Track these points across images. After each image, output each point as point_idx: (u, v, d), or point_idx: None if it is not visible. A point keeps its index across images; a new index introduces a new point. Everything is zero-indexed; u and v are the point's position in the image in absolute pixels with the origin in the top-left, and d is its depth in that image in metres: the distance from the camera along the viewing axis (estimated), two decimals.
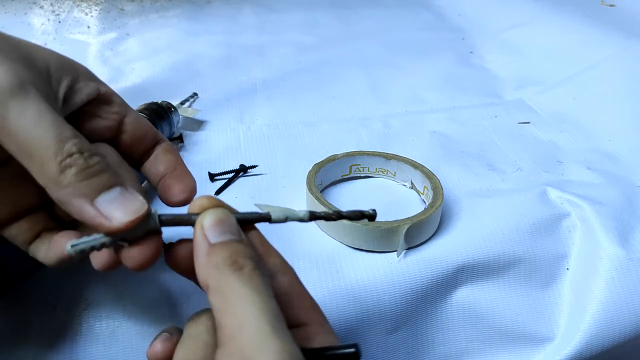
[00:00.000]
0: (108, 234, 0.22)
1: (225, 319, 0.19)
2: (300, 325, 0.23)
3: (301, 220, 0.25)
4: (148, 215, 0.22)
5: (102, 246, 0.22)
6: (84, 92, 0.27)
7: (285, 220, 0.24)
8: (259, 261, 0.22)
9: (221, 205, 0.23)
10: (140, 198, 0.23)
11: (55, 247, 0.25)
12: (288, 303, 0.23)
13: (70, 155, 0.22)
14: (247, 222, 0.24)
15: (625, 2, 0.77)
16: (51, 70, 0.25)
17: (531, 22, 0.74)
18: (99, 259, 0.24)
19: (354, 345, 0.21)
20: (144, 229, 0.23)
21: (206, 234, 0.22)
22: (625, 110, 0.53)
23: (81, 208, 0.22)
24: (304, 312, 0.23)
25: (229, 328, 0.19)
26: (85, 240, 0.22)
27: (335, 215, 0.26)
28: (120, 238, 0.22)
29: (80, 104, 0.27)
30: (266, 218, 0.24)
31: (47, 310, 0.32)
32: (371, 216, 0.26)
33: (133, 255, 0.23)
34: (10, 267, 0.31)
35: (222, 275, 0.20)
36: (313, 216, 0.25)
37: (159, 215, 0.23)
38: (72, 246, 0.22)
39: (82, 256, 0.23)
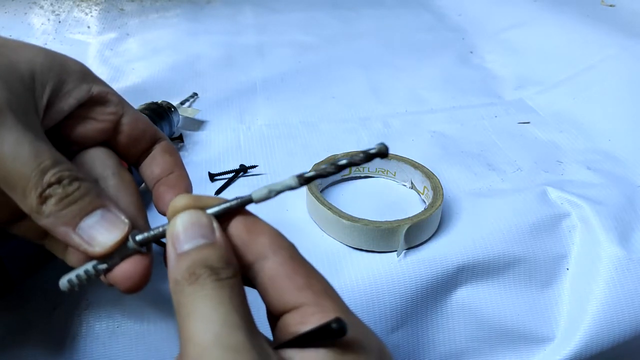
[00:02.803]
0: (96, 258, 0.22)
1: (180, 338, 0.19)
2: (297, 307, 0.21)
3: (291, 188, 0.22)
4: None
5: (86, 274, 0.22)
6: (72, 96, 0.25)
7: (269, 195, 0.22)
8: (228, 259, 0.20)
9: (196, 203, 0.22)
10: (122, 218, 0.23)
11: (71, 260, 0.25)
12: (277, 286, 0.21)
13: (49, 185, 0.21)
14: (227, 214, 0.22)
15: (625, 2, 0.77)
16: (36, 74, 0.24)
17: (531, 22, 0.74)
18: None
19: (336, 321, 0.18)
20: (121, 254, 0.22)
21: (174, 243, 0.21)
22: (625, 110, 0.53)
23: (65, 236, 0.22)
24: (296, 293, 0.21)
25: (181, 346, 0.19)
26: (73, 272, 0.23)
27: (333, 169, 0.22)
28: (103, 263, 0.22)
29: (69, 109, 0.26)
30: (247, 201, 0.22)
31: (47, 310, 0.32)
32: (382, 153, 0.21)
33: (117, 280, 0.22)
34: (10, 267, 0.31)
35: (180, 291, 0.19)
36: (304, 179, 0.22)
37: (135, 237, 0.23)
38: (67, 280, 0.22)
39: (76, 287, 0.23)
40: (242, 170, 0.46)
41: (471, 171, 0.46)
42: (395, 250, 0.37)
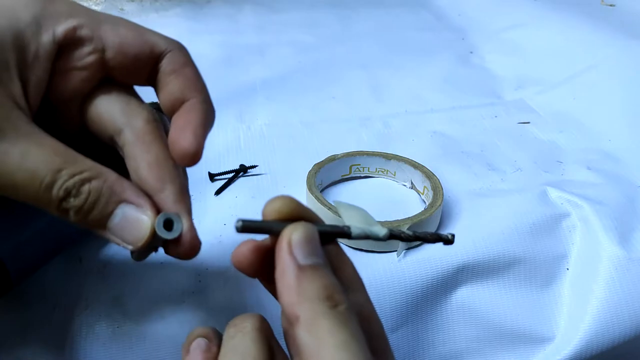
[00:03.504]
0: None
1: (306, 352, 0.18)
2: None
3: (379, 239, 0.23)
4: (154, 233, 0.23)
5: (144, 251, 0.24)
6: (40, 57, 0.22)
7: (365, 238, 0.23)
8: (343, 289, 0.20)
9: (301, 213, 0.21)
10: (143, 211, 0.22)
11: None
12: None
13: (61, 200, 0.21)
14: (326, 237, 0.22)
15: (625, 2, 0.77)
16: None
17: (531, 22, 0.74)
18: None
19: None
20: (158, 240, 0.23)
21: (294, 253, 0.19)
22: (625, 110, 0.53)
23: (103, 235, 0.22)
24: (373, 341, 0.20)
25: None
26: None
27: (412, 237, 0.24)
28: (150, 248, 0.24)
29: (46, 73, 0.22)
30: (346, 234, 0.22)
31: (46, 310, 0.32)
32: (448, 240, 0.24)
33: (172, 253, 0.23)
34: (10, 267, 0.31)
35: (316, 310, 0.18)
36: (391, 235, 0.23)
37: (166, 217, 0.23)
38: (135, 256, 0.25)
39: (145, 258, 0.25)
40: (242, 170, 0.46)
41: (471, 171, 0.46)
42: (395, 250, 0.37)
